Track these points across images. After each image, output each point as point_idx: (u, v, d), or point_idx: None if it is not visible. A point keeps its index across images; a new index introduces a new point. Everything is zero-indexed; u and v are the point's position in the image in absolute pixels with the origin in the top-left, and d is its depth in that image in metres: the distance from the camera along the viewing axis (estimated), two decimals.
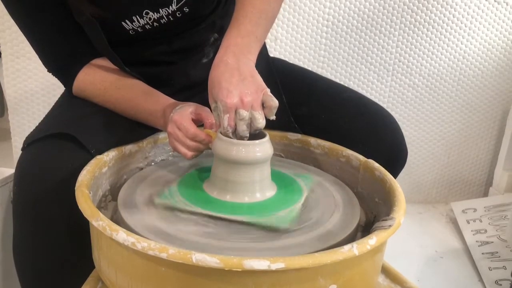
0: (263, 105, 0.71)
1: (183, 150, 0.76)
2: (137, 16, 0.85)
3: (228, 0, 0.98)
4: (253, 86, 0.70)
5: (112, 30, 0.85)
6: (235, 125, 0.70)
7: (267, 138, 0.71)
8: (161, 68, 0.93)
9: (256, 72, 0.73)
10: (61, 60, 0.87)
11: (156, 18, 0.86)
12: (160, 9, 0.85)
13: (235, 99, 0.69)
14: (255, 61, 0.75)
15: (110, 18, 0.84)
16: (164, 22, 0.87)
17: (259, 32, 0.77)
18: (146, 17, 0.85)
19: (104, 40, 0.84)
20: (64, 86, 0.92)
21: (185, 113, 0.76)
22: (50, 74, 0.91)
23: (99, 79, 0.87)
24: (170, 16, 0.86)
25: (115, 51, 0.86)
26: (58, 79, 0.91)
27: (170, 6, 0.85)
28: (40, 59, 0.89)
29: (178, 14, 0.86)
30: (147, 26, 0.86)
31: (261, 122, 0.70)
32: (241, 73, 0.71)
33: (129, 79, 0.87)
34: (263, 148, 0.70)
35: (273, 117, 0.72)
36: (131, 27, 0.86)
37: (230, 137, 0.71)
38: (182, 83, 0.94)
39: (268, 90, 0.72)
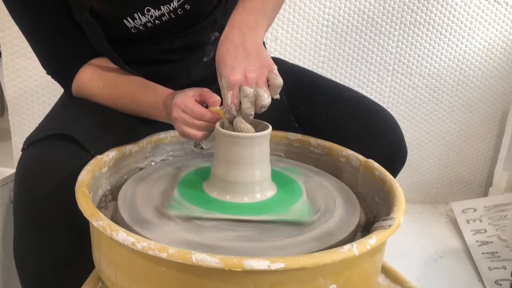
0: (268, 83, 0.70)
1: (193, 131, 0.75)
2: (139, 14, 0.85)
3: None
4: (258, 62, 0.69)
5: (114, 29, 0.85)
6: (239, 103, 0.69)
7: (269, 130, 0.71)
8: (162, 67, 0.93)
9: (263, 48, 0.72)
10: (60, 61, 0.88)
11: (157, 15, 0.86)
12: (161, 6, 0.85)
13: (239, 75, 0.68)
14: (263, 37, 0.74)
15: (113, 16, 0.84)
16: (165, 19, 0.87)
17: (266, 9, 0.77)
18: (148, 15, 0.85)
19: (103, 40, 0.84)
20: (63, 88, 0.92)
21: (187, 95, 0.76)
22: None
23: (98, 77, 0.87)
24: (171, 13, 0.86)
25: (117, 51, 0.86)
26: (57, 81, 0.91)
27: (171, 3, 0.85)
28: (40, 61, 0.89)
29: (180, 11, 0.87)
30: (149, 24, 0.86)
31: (266, 99, 0.68)
32: (246, 49, 0.70)
33: (127, 75, 0.88)
34: (264, 135, 0.71)
35: (277, 96, 0.71)
36: (132, 25, 0.86)
37: (235, 115, 0.70)
38: (183, 82, 0.94)
39: (275, 68, 0.70)
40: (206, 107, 0.77)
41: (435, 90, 1.59)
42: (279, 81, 0.69)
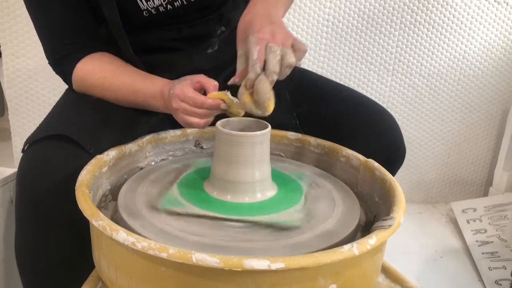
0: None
1: (195, 120, 0.75)
2: None
3: None
4: (283, 29, 0.71)
5: (127, 9, 0.86)
6: (265, 61, 0.68)
7: (268, 129, 0.71)
8: (166, 55, 0.95)
9: (283, 23, 0.75)
10: (64, 48, 0.88)
11: None
12: None
13: (267, 34, 0.69)
14: (282, 17, 0.78)
15: None
16: (177, 5, 0.88)
17: (281, 1, 0.81)
18: None
19: (116, 13, 0.85)
20: (64, 80, 0.92)
21: (185, 84, 0.76)
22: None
23: (98, 68, 0.87)
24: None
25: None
26: (58, 71, 0.91)
27: None
28: (44, 48, 0.90)
29: None
30: (161, 8, 0.88)
31: (292, 58, 0.68)
32: (271, 19, 0.72)
33: (127, 66, 0.88)
34: (264, 133, 0.71)
35: (299, 62, 0.71)
36: (145, 7, 0.87)
37: (258, 72, 0.68)
38: (186, 69, 0.94)
39: (296, 39, 0.72)
40: (204, 93, 0.77)
41: (435, 90, 1.59)
42: (305, 47, 0.71)
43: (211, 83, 0.76)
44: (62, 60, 0.89)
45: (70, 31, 0.88)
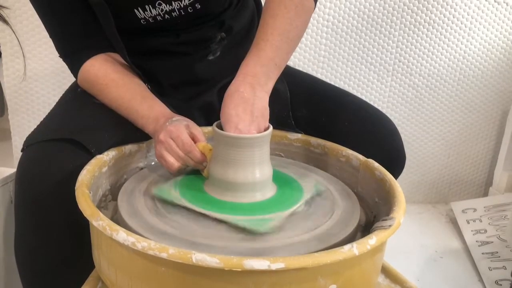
0: None
1: (171, 159, 0.75)
2: (150, 6, 0.86)
3: (240, 2, 0.99)
4: (262, 125, 0.72)
5: (124, 17, 0.86)
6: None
7: (269, 131, 0.71)
8: (167, 59, 0.94)
9: (268, 110, 0.74)
10: (75, 44, 0.88)
11: (168, 10, 0.87)
12: (172, 2, 0.86)
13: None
14: (271, 90, 0.76)
15: (124, 3, 0.85)
16: (175, 15, 0.88)
17: (279, 57, 0.77)
18: (159, 8, 0.86)
19: (112, 25, 0.85)
20: (71, 70, 0.92)
21: (181, 126, 0.76)
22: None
23: (103, 74, 0.87)
24: (181, 10, 0.88)
25: (124, 39, 0.87)
26: (66, 63, 0.92)
27: (183, 0, 0.86)
28: (54, 42, 0.90)
29: (190, 9, 0.88)
30: (159, 18, 0.88)
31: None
32: (253, 111, 0.71)
33: (130, 79, 0.88)
34: (264, 136, 0.71)
35: None
36: (142, 16, 0.87)
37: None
38: (187, 76, 0.95)
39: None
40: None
41: (435, 90, 1.59)
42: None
43: (202, 139, 0.76)
44: (72, 55, 0.90)
45: (80, 30, 0.88)
